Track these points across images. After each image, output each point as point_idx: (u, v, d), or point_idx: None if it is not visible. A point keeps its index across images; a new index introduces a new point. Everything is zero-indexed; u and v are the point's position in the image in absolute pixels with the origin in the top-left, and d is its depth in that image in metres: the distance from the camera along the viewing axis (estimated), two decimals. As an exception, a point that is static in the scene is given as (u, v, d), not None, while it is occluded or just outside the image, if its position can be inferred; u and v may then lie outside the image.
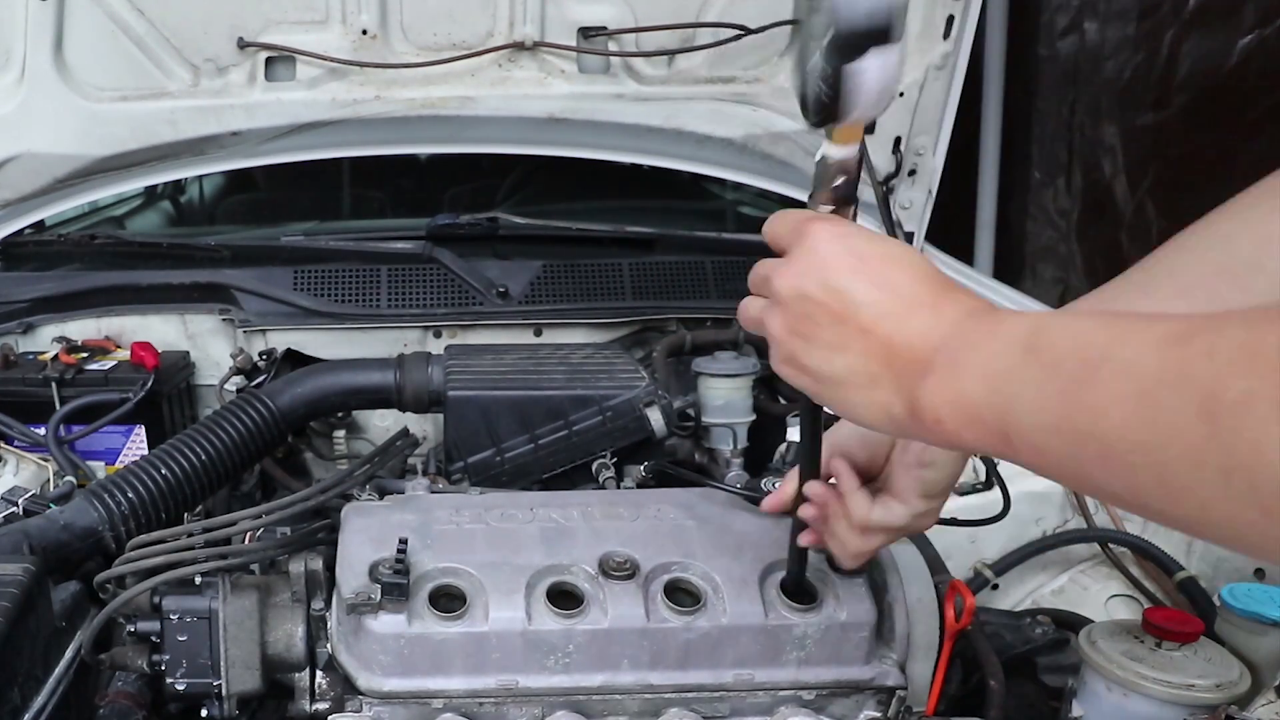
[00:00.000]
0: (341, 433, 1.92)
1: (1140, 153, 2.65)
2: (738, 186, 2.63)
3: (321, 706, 1.20)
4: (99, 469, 1.86)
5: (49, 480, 1.67)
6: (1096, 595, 1.77)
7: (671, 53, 2.14)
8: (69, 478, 1.65)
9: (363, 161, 2.44)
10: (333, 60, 2.06)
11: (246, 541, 1.26)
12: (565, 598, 1.15)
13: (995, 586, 1.76)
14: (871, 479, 1.05)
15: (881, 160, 2.26)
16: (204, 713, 1.20)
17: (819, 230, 0.80)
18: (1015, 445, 0.67)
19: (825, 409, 0.95)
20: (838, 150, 0.84)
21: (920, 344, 0.73)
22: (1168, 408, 0.55)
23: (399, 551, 1.13)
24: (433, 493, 1.40)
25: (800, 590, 1.16)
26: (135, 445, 1.90)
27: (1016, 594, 1.81)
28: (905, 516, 1.01)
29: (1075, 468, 0.63)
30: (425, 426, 1.97)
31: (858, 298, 0.76)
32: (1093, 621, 1.51)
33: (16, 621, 1.08)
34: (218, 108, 2.09)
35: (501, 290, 2.10)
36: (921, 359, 0.73)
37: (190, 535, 1.24)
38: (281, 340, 2.04)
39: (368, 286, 2.10)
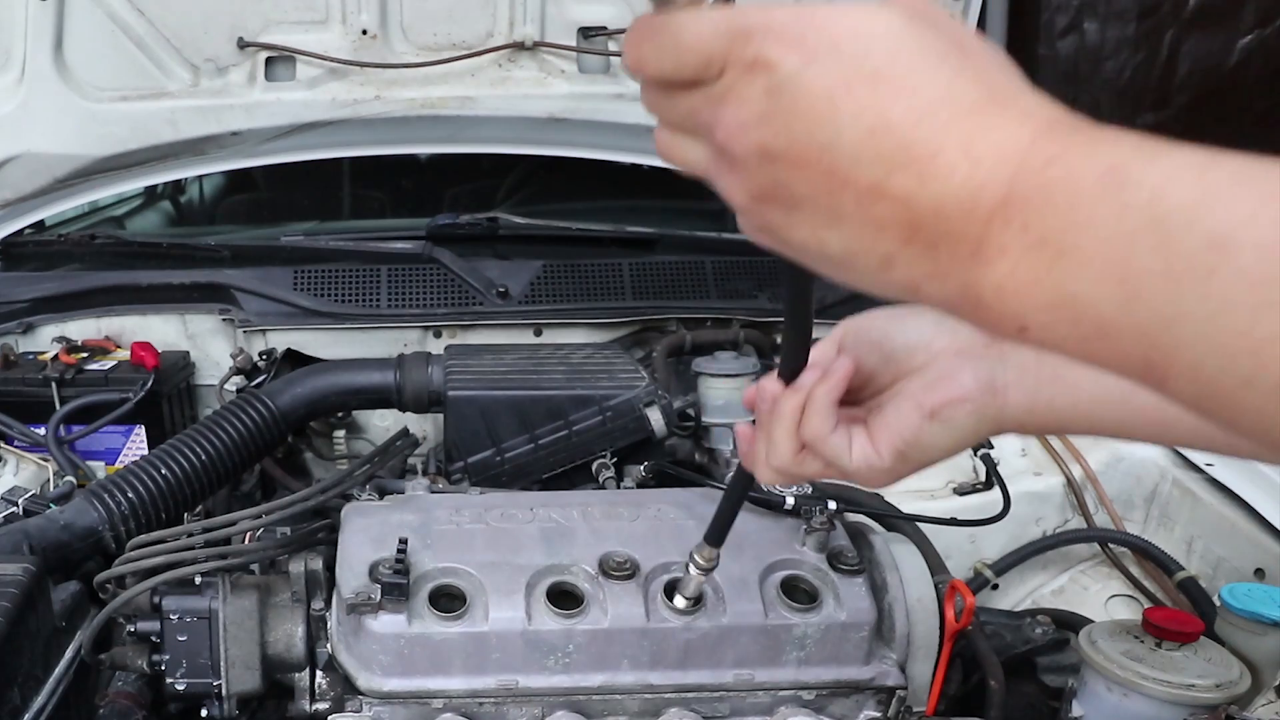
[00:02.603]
0: (341, 433, 1.92)
1: (1140, 153, 2.65)
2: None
3: (321, 706, 1.20)
4: (99, 469, 1.86)
5: (49, 480, 1.67)
6: (1096, 595, 1.77)
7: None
8: (69, 478, 1.65)
9: (363, 161, 2.44)
10: (333, 60, 2.06)
11: (246, 541, 1.26)
12: (565, 598, 1.15)
13: (995, 586, 1.76)
14: (859, 400, 0.77)
15: (881, 160, 2.25)
16: (204, 713, 1.20)
17: (771, 36, 0.49)
18: (1169, 373, 0.43)
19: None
20: None
21: (972, 206, 0.46)
22: None
23: (399, 551, 1.13)
24: (433, 493, 1.40)
25: (719, 537, 1.03)
26: (135, 445, 1.90)
27: (1016, 594, 1.81)
28: (861, 461, 0.73)
29: (1224, 390, 0.42)
30: (425, 426, 1.97)
31: (846, 139, 0.48)
32: (1093, 621, 1.51)
33: (16, 621, 1.08)
34: (218, 108, 2.09)
35: (501, 290, 2.10)
36: (974, 230, 0.46)
37: (190, 535, 1.24)
38: (281, 340, 2.04)
39: (368, 286, 2.10)
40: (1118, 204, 0.43)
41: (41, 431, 1.77)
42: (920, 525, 1.53)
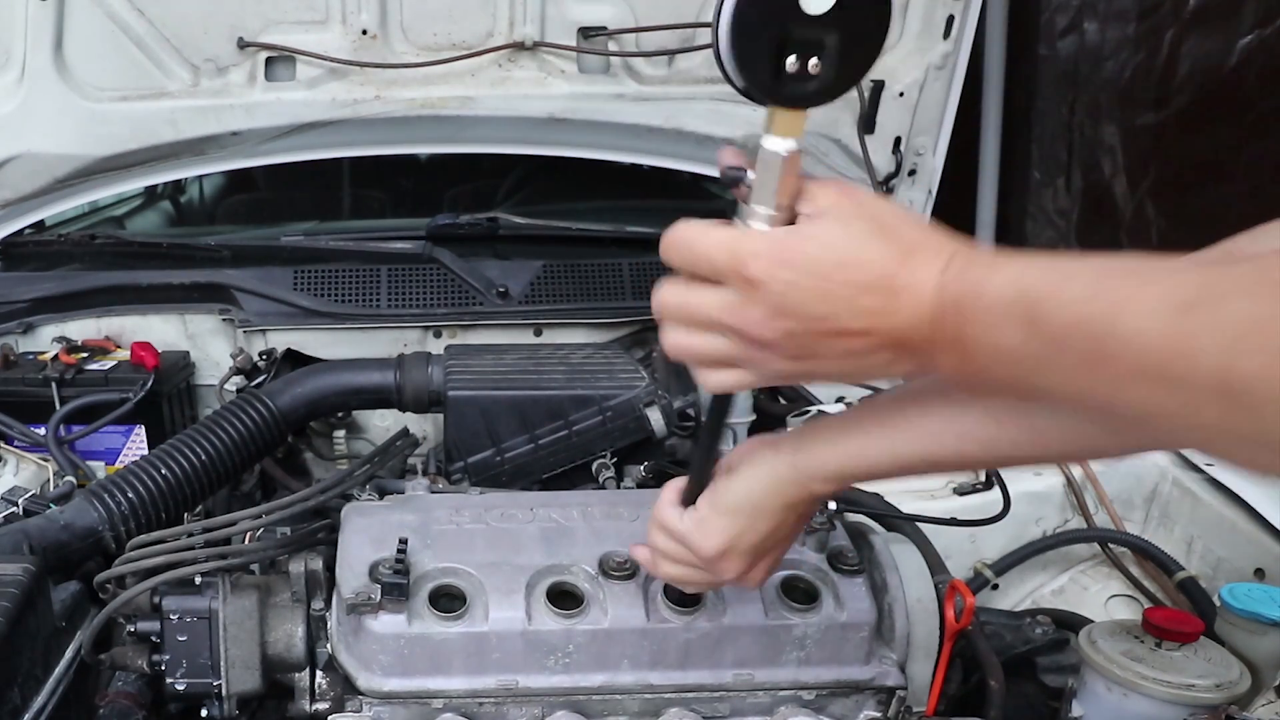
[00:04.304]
0: (341, 433, 1.92)
1: (1140, 153, 2.65)
2: (738, 186, 2.63)
3: (321, 706, 1.20)
4: (99, 469, 1.86)
5: (49, 480, 1.67)
6: (1096, 595, 1.77)
7: (671, 53, 2.13)
8: (69, 478, 1.65)
9: (363, 161, 2.44)
10: (333, 60, 2.06)
11: (246, 541, 1.26)
12: (565, 598, 1.15)
13: (995, 586, 1.76)
14: None
15: (881, 160, 2.26)
16: (204, 713, 1.20)
17: (763, 264, 0.75)
18: (1041, 402, 0.70)
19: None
20: (781, 143, 0.76)
21: (919, 327, 0.71)
22: (1185, 383, 0.55)
23: (399, 551, 1.13)
24: (433, 493, 1.40)
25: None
26: (135, 445, 1.90)
27: (1016, 594, 1.81)
28: (686, 522, 0.96)
29: (1104, 421, 0.67)
30: (425, 426, 1.97)
31: (843, 315, 0.74)
32: (1093, 621, 1.51)
33: (16, 621, 1.08)
34: (218, 108, 2.09)
35: (501, 290, 2.10)
36: (926, 339, 0.72)
37: (190, 535, 1.24)
38: (281, 340, 2.04)
39: (368, 286, 2.10)
40: (993, 312, 0.67)
41: (41, 431, 1.77)
42: (920, 525, 1.53)
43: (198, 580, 1.19)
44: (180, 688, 1.19)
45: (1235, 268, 0.56)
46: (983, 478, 1.79)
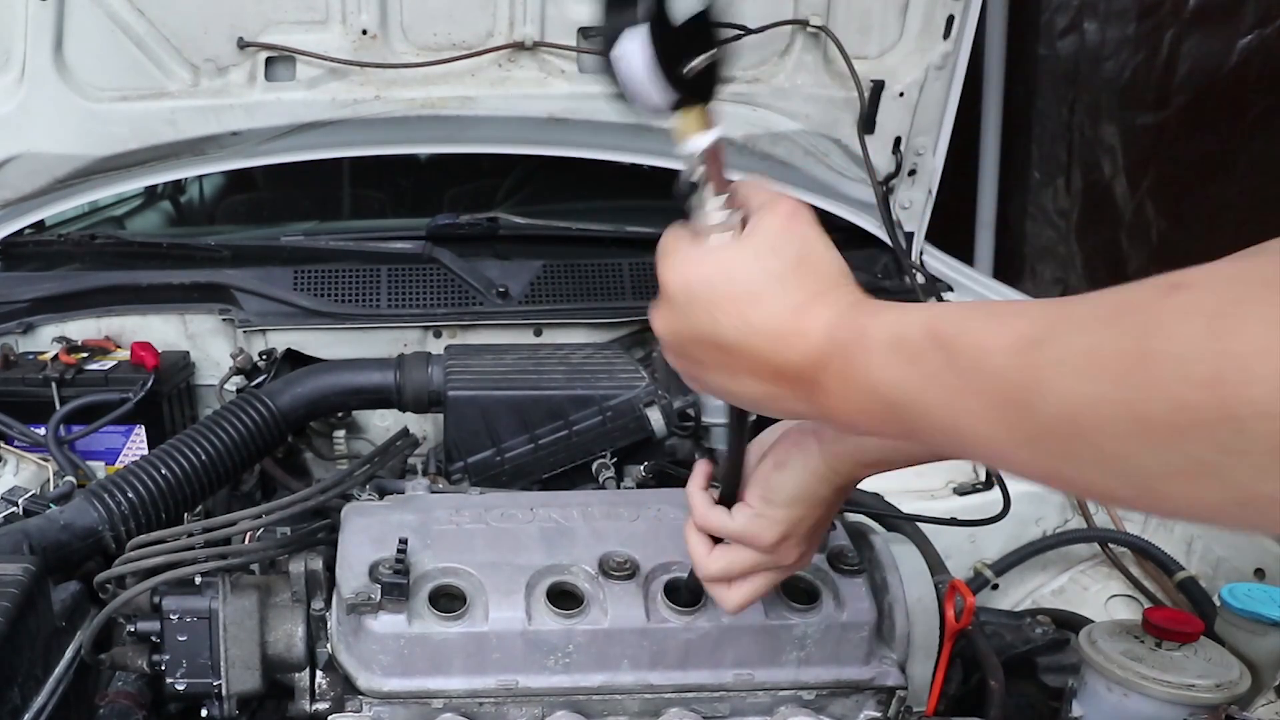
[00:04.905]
0: (341, 433, 1.92)
1: (1140, 153, 2.65)
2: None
3: (321, 706, 1.20)
4: (99, 469, 1.86)
5: (49, 480, 1.67)
6: (1096, 595, 1.77)
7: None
8: (69, 478, 1.65)
9: (363, 161, 2.44)
10: (333, 60, 2.06)
11: (246, 541, 1.26)
12: (565, 598, 1.15)
13: (995, 586, 1.76)
14: None
15: (881, 160, 2.26)
16: (204, 713, 1.20)
17: (668, 274, 0.80)
18: (921, 440, 0.71)
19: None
20: (693, 142, 0.79)
21: (805, 364, 0.74)
22: (1035, 415, 0.58)
23: (399, 551, 1.13)
24: (433, 493, 1.40)
25: (689, 592, 1.12)
26: (135, 445, 1.90)
27: (1016, 594, 1.81)
28: (740, 519, 0.96)
29: (978, 458, 0.69)
30: (425, 426, 1.97)
31: (730, 337, 0.76)
32: (1093, 621, 1.51)
33: (16, 621, 1.08)
34: (218, 108, 2.09)
35: (501, 290, 2.10)
36: (811, 378, 0.74)
37: (190, 535, 1.24)
38: (281, 340, 2.04)
39: (368, 286, 2.10)
40: (874, 351, 0.69)
41: (41, 431, 1.77)
42: (920, 525, 1.53)
43: (198, 580, 1.19)
44: (180, 688, 1.19)
45: (1076, 305, 0.59)
46: (983, 478, 1.79)
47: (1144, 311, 0.54)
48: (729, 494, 0.98)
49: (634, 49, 0.75)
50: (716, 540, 0.99)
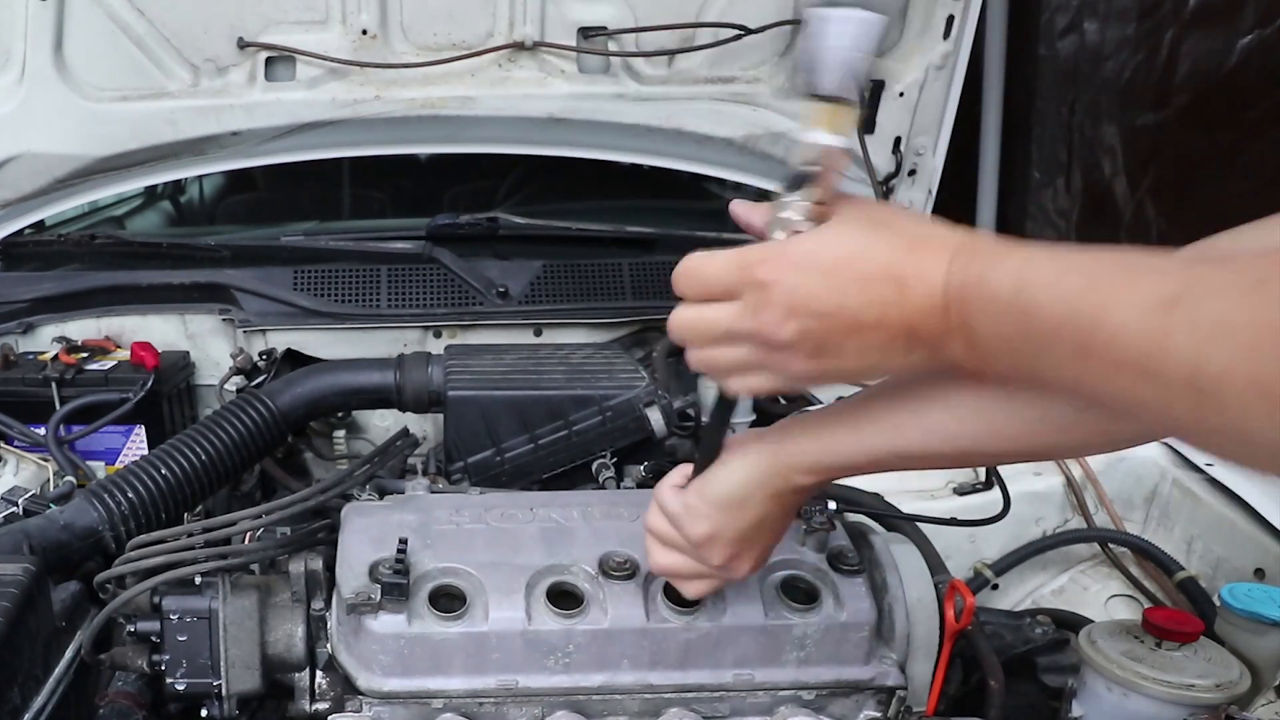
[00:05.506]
0: (341, 433, 1.92)
1: (1140, 153, 2.65)
2: (738, 186, 2.63)
3: (321, 706, 1.20)
4: (99, 469, 1.86)
5: (49, 480, 1.67)
6: (1096, 595, 1.77)
7: (671, 53, 2.14)
8: (69, 478, 1.65)
9: (363, 161, 2.44)
10: (333, 60, 2.06)
11: (246, 541, 1.26)
12: (565, 598, 1.15)
13: (995, 586, 1.76)
14: None
15: (881, 160, 2.26)
16: (204, 713, 1.20)
17: (770, 266, 0.79)
18: (1049, 390, 0.72)
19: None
20: (821, 137, 0.80)
21: (931, 315, 0.73)
22: (1160, 378, 0.58)
23: (399, 551, 1.13)
24: (433, 493, 1.40)
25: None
26: (135, 445, 1.90)
27: (1016, 594, 1.81)
28: (676, 502, 1.00)
29: (1109, 411, 0.69)
30: (425, 426, 1.97)
31: (854, 307, 0.76)
32: (1093, 621, 1.51)
33: (16, 621, 1.08)
34: (218, 108, 2.09)
35: (501, 290, 2.10)
36: (937, 328, 0.73)
37: (190, 535, 1.24)
38: (281, 340, 2.04)
39: (368, 286, 2.10)
40: (996, 304, 0.69)
41: (41, 431, 1.77)
42: (920, 525, 1.53)
43: (198, 580, 1.19)
44: (180, 688, 1.19)
45: (1216, 269, 0.59)
46: (983, 478, 1.79)
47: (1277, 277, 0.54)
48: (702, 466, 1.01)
49: (849, 25, 0.76)
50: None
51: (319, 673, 1.22)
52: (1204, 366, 0.55)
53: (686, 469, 1.03)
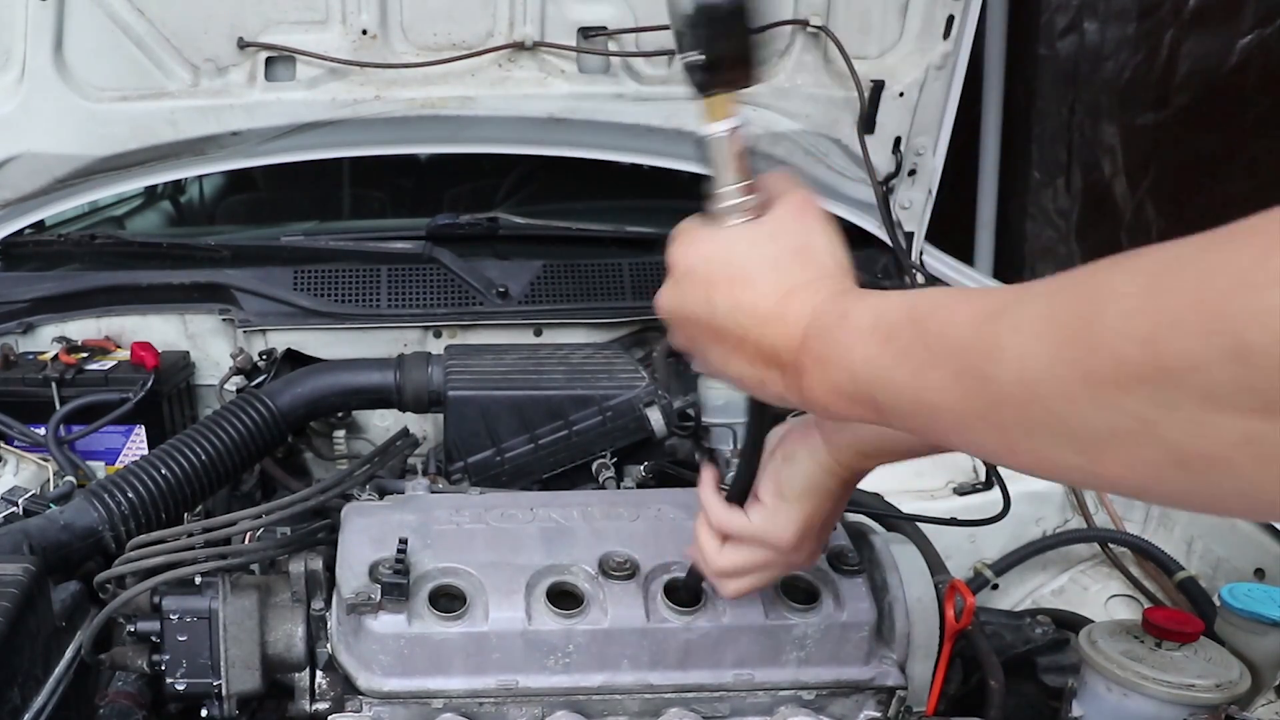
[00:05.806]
0: (341, 433, 1.92)
1: (1140, 153, 2.65)
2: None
3: (321, 706, 1.20)
4: (99, 469, 1.86)
5: (49, 480, 1.67)
6: (1096, 595, 1.77)
7: (671, 53, 2.13)
8: (69, 478, 1.65)
9: (363, 161, 2.44)
10: (333, 60, 2.06)
11: (246, 541, 1.26)
12: (565, 598, 1.15)
13: (995, 586, 1.76)
14: None
15: (881, 160, 2.26)
16: (204, 713, 1.20)
17: (676, 252, 0.84)
18: (890, 421, 0.71)
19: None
20: (714, 128, 0.82)
21: (788, 347, 0.76)
22: (986, 380, 0.60)
23: (399, 551, 1.13)
24: (433, 493, 1.40)
25: (687, 592, 1.13)
26: (135, 445, 1.90)
27: (1016, 594, 1.81)
28: (758, 519, 0.97)
29: (939, 436, 0.68)
30: (425, 426, 1.97)
31: (721, 317, 0.79)
32: (1093, 621, 1.51)
33: (16, 621, 1.08)
34: (218, 108, 2.09)
35: (501, 290, 2.10)
36: (793, 360, 0.76)
37: (190, 535, 1.24)
38: (281, 340, 2.04)
39: (368, 286, 2.10)
40: (853, 332, 0.71)
41: (41, 431, 1.78)
42: (920, 525, 1.53)
43: (198, 580, 1.19)
44: (180, 688, 1.19)
45: (1047, 280, 0.61)
46: (983, 477, 1.79)
47: (1094, 278, 0.56)
48: (741, 490, 0.98)
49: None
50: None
51: (319, 673, 1.22)
52: (1030, 363, 0.57)
53: (710, 498, 1.00)
